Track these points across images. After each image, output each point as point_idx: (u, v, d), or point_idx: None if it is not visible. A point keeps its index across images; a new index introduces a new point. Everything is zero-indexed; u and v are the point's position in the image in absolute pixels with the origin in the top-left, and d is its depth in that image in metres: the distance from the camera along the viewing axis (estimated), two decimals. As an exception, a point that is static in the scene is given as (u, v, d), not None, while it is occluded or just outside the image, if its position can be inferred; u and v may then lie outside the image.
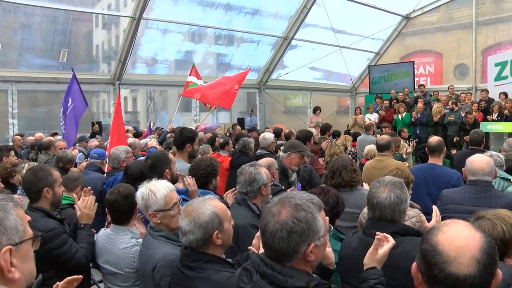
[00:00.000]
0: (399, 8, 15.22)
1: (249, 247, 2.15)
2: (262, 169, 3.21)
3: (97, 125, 9.52)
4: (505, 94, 11.53)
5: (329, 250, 2.05)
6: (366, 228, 2.48)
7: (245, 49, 13.98)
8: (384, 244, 2.10)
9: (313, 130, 7.72)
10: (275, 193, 3.27)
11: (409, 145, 8.91)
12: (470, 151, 5.31)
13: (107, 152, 5.50)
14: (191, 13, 11.84)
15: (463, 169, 3.55)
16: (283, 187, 4.02)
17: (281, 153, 4.96)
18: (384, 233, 2.15)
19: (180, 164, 4.33)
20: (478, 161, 3.42)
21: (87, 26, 11.41)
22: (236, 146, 6.92)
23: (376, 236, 2.12)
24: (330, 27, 13.76)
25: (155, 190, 2.64)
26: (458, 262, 1.21)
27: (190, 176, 3.59)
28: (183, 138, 4.62)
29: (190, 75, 9.64)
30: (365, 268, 2.10)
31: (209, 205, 2.16)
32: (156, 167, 3.57)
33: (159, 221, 2.60)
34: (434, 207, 2.79)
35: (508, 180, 4.07)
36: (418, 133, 11.80)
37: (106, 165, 5.29)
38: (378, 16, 14.74)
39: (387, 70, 15.21)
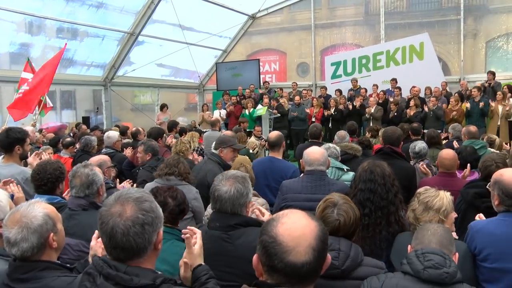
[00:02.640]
0: (245, 8, 17.95)
1: (90, 255, 2.44)
2: (97, 168, 3.56)
3: None
4: (340, 91, 14.92)
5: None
6: (211, 221, 2.87)
7: (89, 44, 14.85)
8: (195, 240, 2.44)
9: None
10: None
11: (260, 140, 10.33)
12: (309, 144, 6.40)
13: None
14: (27, 1, 12.26)
15: (301, 160, 4.35)
16: (112, 184, 4.66)
17: (212, 150, 5.56)
18: (189, 226, 2.54)
19: (13, 169, 4.56)
20: (314, 153, 4.21)
21: None
22: (77, 146, 7.33)
23: (183, 236, 2.44)
24: (178, 24, 15.80)
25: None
26: (296, 251, 1.52)
27: (14, 183, 3.85)
28: (10, 140, 4.72)
29: (24, 70, 10.00)
30: (191, 268, 2.37)
31: (38, 207, 2.34)
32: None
33: None
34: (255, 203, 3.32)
35: (342, 169, 5.02)
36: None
37: None
38: (225, 14, 17.21)
39: (234, 67, 17.97)
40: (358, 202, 3.48)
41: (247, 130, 12.06)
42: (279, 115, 13.59)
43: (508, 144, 7.83)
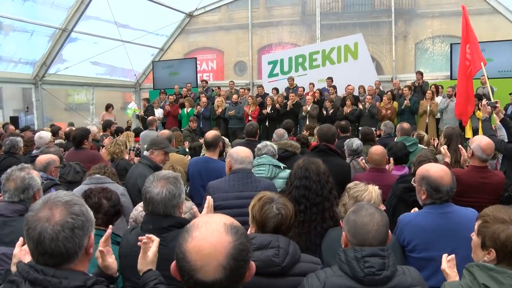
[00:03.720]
0: (182, 6, 17.74)
1: (14, 264, 2.29)
2: (34, 172, 3.44)
3: None
4: (277, 90, 15.07)
5: (112, 259, 2.35)
6: (143, 223, 2.81)
7: (16, 39, 14.18)
8: (151, 245, 2.43)
9: (94, 128, 8.59)
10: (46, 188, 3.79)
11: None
12: (246, 142, 6.47)
13: None
14: None
15: (228, 159, 4.25)
16: (58, 181, 4.61)
17: (145, 152, 5.52)
18: (147, 235, 2.49)
19: None
20: (243, 151, 4.21)
21: None
22: (2, 147, 7.00)
23: (140, 242, 2.43)
24: (113, 21, 15.36)
25: None
26: (204, 270, 1.46)
27: None
28: None
29: None
30: (141, 273, 2.38)
31: None
32: None
33: None
34: (208, 197, 3.32)
35: (279, 167, 5.02)
36: (202, 126, 13.56)
37: None
38: (162, 12, 16.87)
39: (171, 66, 17.78)
40: (294, 199, 3.54)
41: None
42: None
43: (434, 140, 8.20)
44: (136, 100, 18.39)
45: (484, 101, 6.67)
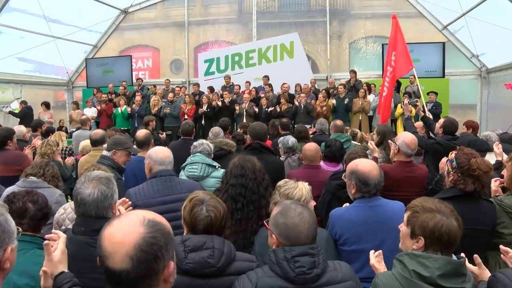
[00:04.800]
0: (116, 2, 17.31)
1: None
2: None
3: None
4: (211, 88, 14.96)
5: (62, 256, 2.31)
6: (75, 225, 2.73)
7: None
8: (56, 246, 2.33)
9: (23, 128, 8.26)
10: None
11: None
12: (181, 142, 6.57)
13: None
14: None
15: (147, 161, 4.05)
16: None
17: (104, 153, 5.17)
18: (53, 230, 2.47)
19: None
20: (163, 151, 4.05)
21: None
22: None
23: (44, 247, 2.30)
24: (42, 15, 14.65)
25: None
26: (112, 257, 1.47)
27: None
28: None
29: None
30: (52, 277, 2.26)
31: None
32: None
33: None
34: (125, 198, 3.32)
35: (213, 166, 4.93)
36: (137, 126, 13.39)
37: None
38: (95, 7, 16.28)
39: (105, 63, 17.27)
40: (231, 197, 3.58)
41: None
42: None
43: (367, 136, 8.49)
44: (69, 99, 17.73)
45: (406, 100, 7.01)
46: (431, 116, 7.20)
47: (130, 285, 1.51)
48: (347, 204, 3.55)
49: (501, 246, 2.59)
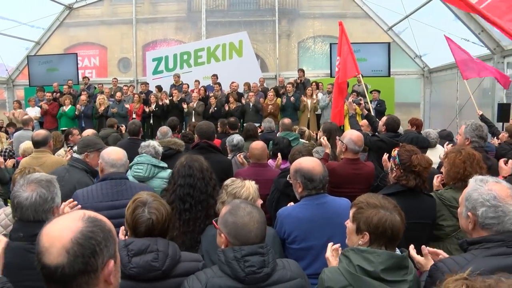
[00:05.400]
0: None
1: None
2: None
3: None
4: (159, 88, 14.83)
5: None
6: (13, 231, 2.66)
7: None
8: None
9: None
10: None
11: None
12: (128, 142, 6.41)
13: None
14: None
15: (99, 161, 3.92)
16: None
17: (74, 155, 4.82)
18: None
19: None
20: (116, 152, 3.90)
21: None
22: None
23: None
24: None
25: None
26: (49, 253, 1.43)
27: None
28: None
29: None
30: None
31: None
32: None
33: None
34: (71, 199, 3.27)
35: (160, 167, 4.87)
36: (84, 126, 13.14)
37: None
38: (37, 2, 15.58)
39: (49, 61, 16.64)
40: (179, 198, 3.53)
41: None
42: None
43: (315, 133, 8.62)
44: (9, 98, 17.04)
45: (350, 99, 7.18)
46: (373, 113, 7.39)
47: (67, 282, 1.46)
48: (292, 202, 3.58)
49: (429, 249, 2.67)
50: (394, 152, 3.67)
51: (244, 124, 8.54)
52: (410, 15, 13.81)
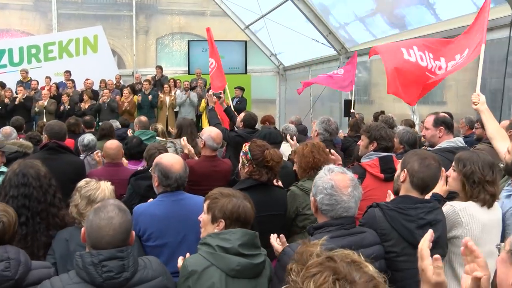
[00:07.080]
0: None
1: None
2: None
3: None
4: (2, 84, 13.32)
5: None
6: None
7: None
8: None
9: None
10: None
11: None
12: None
13: None
14: None
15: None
16: None
17: None
18: None
19: None
20: None
21: None
22: None
23: None
24: None
25: None
26: None
27: None
28: None
29: None
30: None
31: None
32: None
33: None
34: None
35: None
36: None
37: None
38: None
39: None
40: (12, 212, 3.22)
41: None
42: None
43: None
44: None
45: (210, 92, 7.29)
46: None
47: None
48: (151, 199, 3.53)
49: (281, 237, 2.90)
50: (245, 147, 3.74)
51: (99, 124, 8.19)
52: (266, 15, 14.27)
